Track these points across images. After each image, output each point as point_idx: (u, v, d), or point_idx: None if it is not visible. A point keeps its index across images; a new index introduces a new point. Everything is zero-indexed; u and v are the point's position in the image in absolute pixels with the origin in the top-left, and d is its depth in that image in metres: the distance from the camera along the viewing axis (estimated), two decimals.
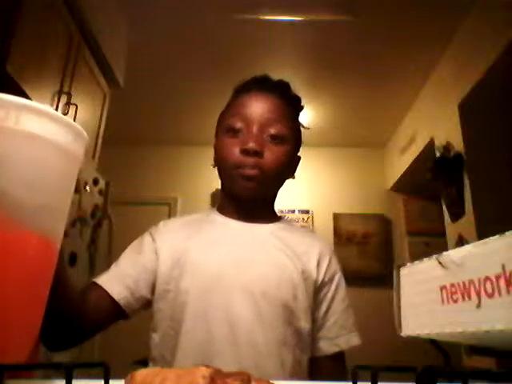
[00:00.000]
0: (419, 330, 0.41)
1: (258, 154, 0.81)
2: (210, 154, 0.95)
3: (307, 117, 3.57)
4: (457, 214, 2.49)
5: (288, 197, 3.92)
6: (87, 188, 2.01)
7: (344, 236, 3.82)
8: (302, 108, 0.96)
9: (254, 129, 0.83)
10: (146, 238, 0.88)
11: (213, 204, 3.90)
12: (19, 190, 0.40)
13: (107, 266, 0.84)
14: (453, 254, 0.38)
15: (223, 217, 0.90)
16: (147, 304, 0.83)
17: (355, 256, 3.72)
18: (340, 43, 2.70)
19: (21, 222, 0.40)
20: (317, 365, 0.84)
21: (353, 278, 3.73)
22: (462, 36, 2.52)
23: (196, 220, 0.94)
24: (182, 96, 3.30)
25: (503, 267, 0.32)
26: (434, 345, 0.43)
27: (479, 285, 0.34)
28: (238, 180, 0.83)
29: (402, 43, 2.67)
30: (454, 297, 0.37)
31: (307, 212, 3.90)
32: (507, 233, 0.33)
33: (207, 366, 0.32)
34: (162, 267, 0.82)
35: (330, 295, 0.86)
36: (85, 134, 0.46)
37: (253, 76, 0.91)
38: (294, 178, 0.94)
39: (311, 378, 0.82)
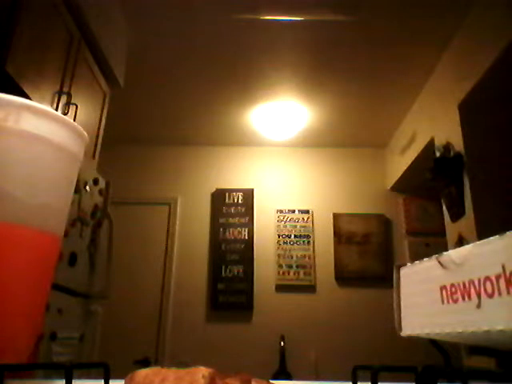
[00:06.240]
0: (419, 330, 0.41)
1: None
2: (209, 153, 0.95)
3: (307, 117, 3.57)
4: (457, 214, 2.49)
5: (288, 197, 3.93)
6: (87, 188, 2.01)
7: (344, 236, 3.82)
8: None
9: None
10: None
11: (213, 204, 3.89)
12: (19, 189, 0.39)
13: (107, 266, 0.84)
14: (453, 254, 0.38)
15: None
16: None
17: (355, 256, 3.71)
18: (340, 43, 2.70)
19: (21, 220, 0.40)
20: None
21: (353, 278, 3.76)
22: (462, 36, 2.52)
23: None
24: (182, 96, 3.30)
25: (503, 267, 0.32)
26: (434, 345, 0.43)
27: (479, 285, 0.34)
28: None
29: (401, 43, 2.67)
30: (454, 297, 0.37)
31: (307, 212, 3.89)
32: (507, 233, 0.33)
33: (207, 367, 0.32)
34: None
35: None
36: (85, 134, 0.46)
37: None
38: None
39: None
